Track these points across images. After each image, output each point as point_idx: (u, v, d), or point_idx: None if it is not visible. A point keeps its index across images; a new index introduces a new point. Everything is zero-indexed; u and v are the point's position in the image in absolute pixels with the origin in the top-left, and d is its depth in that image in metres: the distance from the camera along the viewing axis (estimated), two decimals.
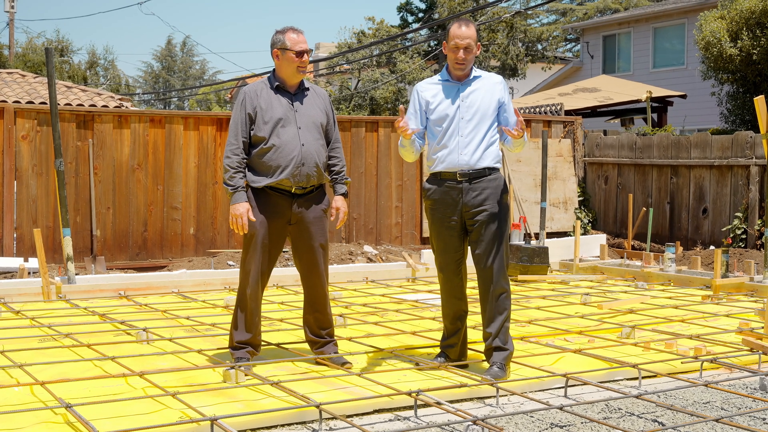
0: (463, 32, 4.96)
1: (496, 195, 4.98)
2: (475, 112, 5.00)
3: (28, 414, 4.08)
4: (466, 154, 4.95)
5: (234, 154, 5.05)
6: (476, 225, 4.96)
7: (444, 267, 5.13)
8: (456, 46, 4.97)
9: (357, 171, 11.55)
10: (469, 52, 4.98)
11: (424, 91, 5.13)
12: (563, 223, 12.82)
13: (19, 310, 7.01)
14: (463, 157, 4.96)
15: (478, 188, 4.96)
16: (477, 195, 4.95)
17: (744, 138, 11.17)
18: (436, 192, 5.05)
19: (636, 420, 4.21)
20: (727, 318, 6.93)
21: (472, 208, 4.96)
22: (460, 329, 5.18)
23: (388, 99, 25.81)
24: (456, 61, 5.00)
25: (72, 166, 9.94)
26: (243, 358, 5.10)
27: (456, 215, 5.00)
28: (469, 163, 4.95)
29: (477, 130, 4.98)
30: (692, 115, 21.12)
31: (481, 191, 4.96)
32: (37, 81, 19.21)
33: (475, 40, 5.00)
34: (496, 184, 5.00)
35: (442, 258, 5.11)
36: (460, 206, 4.97)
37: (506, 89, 5.14)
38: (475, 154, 4.96)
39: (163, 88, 57.00)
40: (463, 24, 5.00)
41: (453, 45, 4.98)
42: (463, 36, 4.95)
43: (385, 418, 4.24)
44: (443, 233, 5.06)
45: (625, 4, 34.73)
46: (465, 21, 5.04)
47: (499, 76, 5.18)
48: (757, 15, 13.44)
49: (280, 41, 5.11)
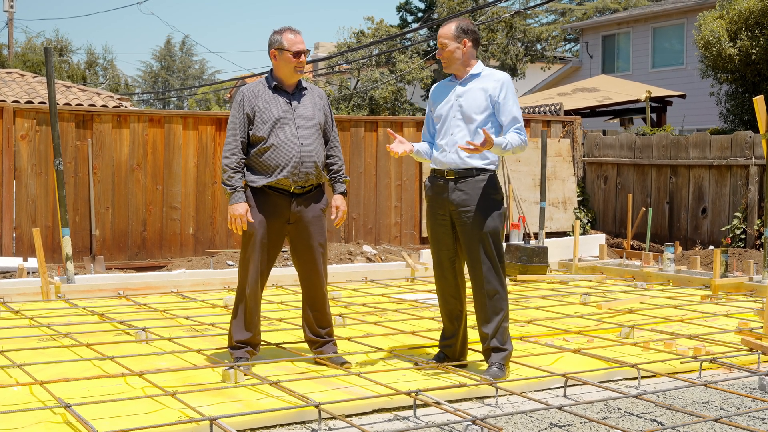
0: (440, 32, 5.08)
1: (482, 195, 4.92)
2: (464, 111, 5.01)
3: (27, 414, 4.08)
4: (453, 152, 4.97)
5: (232, 154, 5.05)
6: (462, 225, 4.97)
7: (437, 264, 5.16)
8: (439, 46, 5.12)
9: (356, 171, 11.55)
10: (443, 51, 5.05)
11: (432, 93, 5.26)
12: (562, 223, 12.83)
13: (18, 309, 7.01)
14: (451, 155, 4.98)
15: (464, 188, 4.95)
16: (462, 194, 4.94)
17: (743, 138, 11.17)
18: (430, 189, 5.12)
19: (635, 420, 4.21)
20: (726, 318, 6.93)
21: (458, 207, 4.96)
22: (459, 329, 5.17)
23: (388, 99, 25.80)
24: (441, 59, 5.12)
25: (71, 166, 9.94)
26: (242, 357, 5.10)
27: (446, 213, 5.04)
28: (456, 162, 4.96)
29: (466, 129, 4.98)
30: (691, 115, 21.12)
31: (466, 191, 4.94)
32: (36, 81, 19.21)
33: (452, 37, 5.02)
34: (483, 184, 4.94)
35: (436, 255, 5.15)
36: (448, 205, 5.00)
37: (506, 87, 5.00)
38: (462, 153, 4.94)
39: (162, 87, 56.98)
40: (444, 24, 5.13)
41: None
42: (439, 36, 5.06)
43: (385, 418, 4.24)
44: (437, 230, 5.11)
45: (624, 4, 34.74)
46: (447, 21, 5.16)
47: (502, 74, 5.08)
48: (756, 15, 13.43)
49: (278, 41, 5.11)
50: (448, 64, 5.07)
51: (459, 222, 4.99)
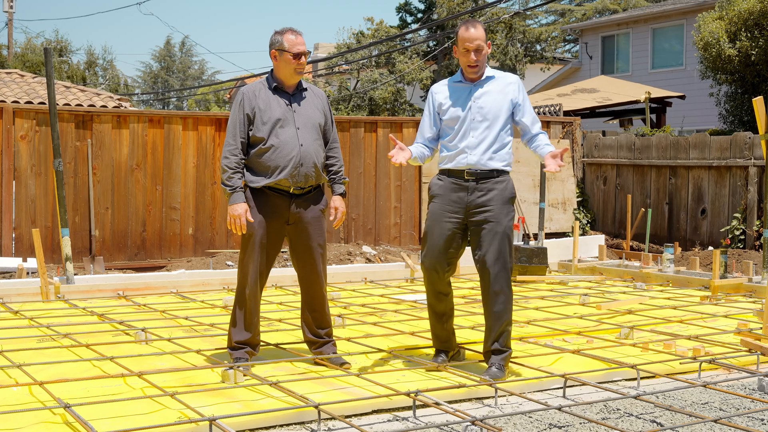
0: (471, 34, 4.88)
1: (501, 197, 4.93)
2: (486, 113, 4.96)
3: (26, 414, 4.08)
4: (475, 155, 4.92)
5: (232, 154, 5.05)
6: (478, 225, 4.93)
7: (433, 264, 5.00)
8: (466, 49, 4.90)
9: (356, 171, 11.55)
10: (479, 53, 4.92)
11: (437, 94, 5.12)
12: (562, 224, 12.83)
13: (18, 310, 7.01)
14: (471, 157, 4.92)
15: (484, 188, 4.93)
16: (482, 195, 4.92)
17: (742, 139, 11.18)
18: (442, 188, 5.02)
19: (634, 420, 4.22)
20: (726, 319, 6.93)
21: (475, 207, 4.92)
22: (450, 326, 5.23)
23: (387, 99, 25.82)
24: (468, 65, 4.95)
25: (71, 166, 9.94)
26: (242, 358, 5.10)
27: (459, 213, 4.96)
28: (478, 164, 4.92)
29: (488, 131, 4.95)
30: (691, 116, 21.13)
31: (487, 192, 4.93)
32: (36, 81, 19.22)
33: (485, 39, 4.94)
34: (503, 186, 4.95)
35: (432, 253, 5.00)
36: (464, 205, 4.94)
37: (521, 89, 5.06)
38: (484, 155, 4.93)
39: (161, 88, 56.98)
40: (470, 25, 4.93)
41: (463, 49, 4.92)
42: (472, 38, 4.88)
43: (384, 419, 4.24)
44: (441, 227, 4.97)
45: (624, 5, 34.73)
46: (472, 22, 4.95)
47: (514, 76, 5.10)
48: (756, 16, 13.44)
49: (279, 42, 5.11)
50: (479, 68, 4.96)
51: (475, 222, 4.93)
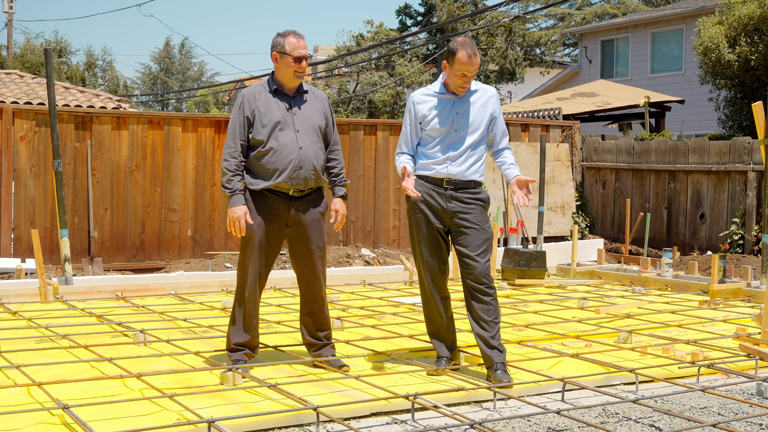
0: (472, 62, 5.00)
1: (478, 203, 5.12)
2: (467, 126, 5.12)
3: (25, 415, 4.08)
4: (455, 165, 5.09)
5: (232, 157, 5.05)
6: (459, 230, 5.08)
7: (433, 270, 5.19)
8: (463, 75, 5.04)
9: (355, 174, 11.55)
10: (470, 79, 5.10)
11: (419, 104, 5.21)
12: (561, 228, 12.84)
13: (16, 311, 7.01)
14: (453, 168, 5.09)
15: (463, 197, 5.09)
16: (460, 204, 5.08)
17: (742, 144, 11.19)
18: (425, 195, 5.11)
19: (633, 425, 4.22)
20: (724, 323, 6.94)
21: (455, 214, 5.07)
22: (452, 327, 5.32)
23: (387, 102, 25.83)
24: (460, 86, 5.10)
25: (70, 167, 9.94)
26: (240, 360, 5.10)
27: (439, 220, 5.12)
28: (458, 175, 5.09)
29: (469, 144, 5.12)
30: (690, 121, 21.14)
31: (464, 200, 5.09)
32: (36, 82, 19.22)
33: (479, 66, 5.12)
34: (480, 196, 5.15)
35: (430, 259, 5.17)
36: (443, 211, 5.09)
37: (498, 102, 5.27)
38: (462, 166, 5.10)
39: (161, 89, 56.98)
40: (472, 53, 5.02)
41: (460, 73, 5.03)
42: (472, 69, 5.03)
43: (383, 422, 4.24)
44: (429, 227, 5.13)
45: (624, 9, 34.80)
46: (472, 47, 5.04)
47: (492, 89, 5.31)
48: (755, 21, 13.47)
49: (280, 44, 5.12)
50: (468, 89, 5.13)
51: (456, 226, 5.08)
